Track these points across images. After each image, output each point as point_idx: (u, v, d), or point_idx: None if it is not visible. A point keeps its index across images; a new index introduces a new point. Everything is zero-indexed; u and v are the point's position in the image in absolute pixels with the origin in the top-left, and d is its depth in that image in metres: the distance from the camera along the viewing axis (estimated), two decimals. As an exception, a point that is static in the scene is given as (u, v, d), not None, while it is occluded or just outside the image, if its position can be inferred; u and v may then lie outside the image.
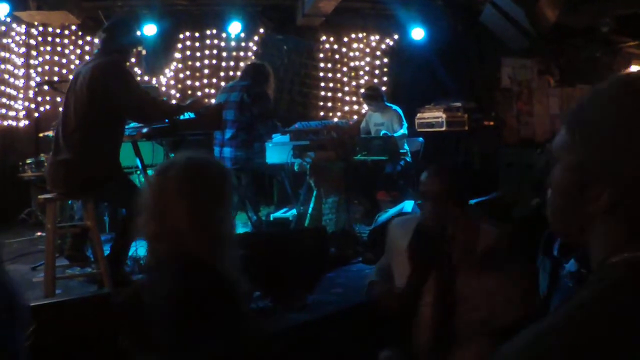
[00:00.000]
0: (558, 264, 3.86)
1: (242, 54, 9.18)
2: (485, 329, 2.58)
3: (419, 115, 9.36)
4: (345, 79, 9.92)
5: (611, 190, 0.97)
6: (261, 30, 9.26)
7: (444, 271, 2.66)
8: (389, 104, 7.80)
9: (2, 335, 1.56)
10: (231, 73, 9.02)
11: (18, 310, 1.64)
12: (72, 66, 8.22)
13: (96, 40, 4.77)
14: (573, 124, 1.04)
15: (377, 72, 10.07)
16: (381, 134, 7.48)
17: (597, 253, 1.02)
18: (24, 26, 8.11)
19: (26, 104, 8.08)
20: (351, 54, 9.95)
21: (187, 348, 1.77)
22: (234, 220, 2.17)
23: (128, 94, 4.39)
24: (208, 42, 9.05)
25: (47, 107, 8.16)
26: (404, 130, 7.59)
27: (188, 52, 8.95)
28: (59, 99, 7.99)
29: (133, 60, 8.54)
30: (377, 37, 10.04)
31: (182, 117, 4.86)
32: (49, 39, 8.27)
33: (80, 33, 8.38)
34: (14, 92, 8.01)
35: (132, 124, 5.10)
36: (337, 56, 9.86)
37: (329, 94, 9.80)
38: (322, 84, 9.76)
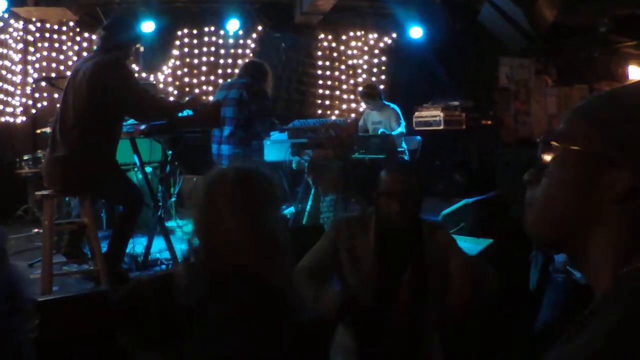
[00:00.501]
0: (550, 259, 3.88)
1: (240, 51, 9.18)
2: (441, 323, 2.60)
3: (416, 113, 9.38)
4: (343, 77, 9.92)
5: (629, 174, 0.92)
6: (259, 28, 9.25)
7: (418, 270, 2.64)
8: (386, 103, 7.79)
9: (3, 326, 1.56)
10: (229, 70, 9.02)
11: (20, 302, 1.63)
12: (70, 62, 8.21)
13: (94, 37, 4.76)
14: (587, 113, 1.00)
15: (375, 70, 10.07)
16: (379, 132, 7.48)
17: (600, 258, 0.96)
18: (21, 22, 8.10)
19: (23, 100, 8.07)
20: (349, 52, 9.95)
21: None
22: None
23: (128, 92, 4.39)
24: (206, 39, 9.04)
25: (45, 103, 8.15)
26: (401, 129, 7.58)
27: (186, 50, 8.94)
28: (56, 96, 7.99)
29: (131, 57, 8.53)
30: (376, 35, 10.04)
31: (180, 114, 4.85)
32: (47, 35, 8.26)
33: (78, 29, 8.37)
34: (11, 89, 7.99)
35: (130, 121, 5.10)
36: (335, 54, 9.86)
37: (327, 92, 9.80)
38: (320, 82, 9.76)
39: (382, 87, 9.13)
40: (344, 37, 9.87)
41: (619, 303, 0.87)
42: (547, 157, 1.02)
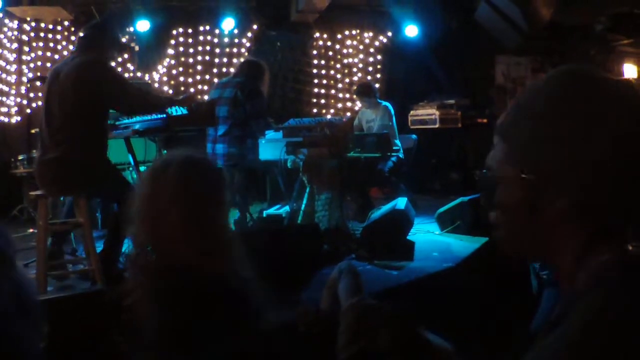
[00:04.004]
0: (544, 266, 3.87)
1: (235, 50, 9.16)
2: None
3: (412, 112, 9.38)
4: (338, 75, 9.91)
5: (568, 193, 0.95)
6: (255, 27, 9.23)
7: None
8: (380, 101, 7.80)
9: (16, 334, 1.55)
10: (224, 69, 9.00)
11: (32, 309, 1.62)
12: (65, 62, 8.18)
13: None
14: (517, 132, 1.02)
15: (370, 69, 10.07)
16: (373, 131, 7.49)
17: (563, 264, 1.00)
18: (16, 21, 8.07)
19: (18, 100, 8.05)
20: (345, 50, 9.94)
21: (192, 352, 1.74)
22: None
23: (113, 86, 4.37)
24: (201, 38, 9.02)
25: (40, 103, 8.10)
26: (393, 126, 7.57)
27: (181, 48, 8.92)
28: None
29: (126, 56, 8.51)
30: (371, 33, 10.03)
31: (174, 113, 4.84)
32: (42, 34, 8.23)
33: (72, 29, 8.33)
34: (6, 88, 7.97)
35: (125, 120, 5.08)
36: (330, 53, 9.85)
37: (322, 91, 9.80)
38: (316, 81, 9.76)
39: (377, 85, 9.12)
40: (339, 36, 9.86)
41: (589, 299, 0.90)
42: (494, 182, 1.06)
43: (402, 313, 1.66)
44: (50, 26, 8.26)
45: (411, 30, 9.51)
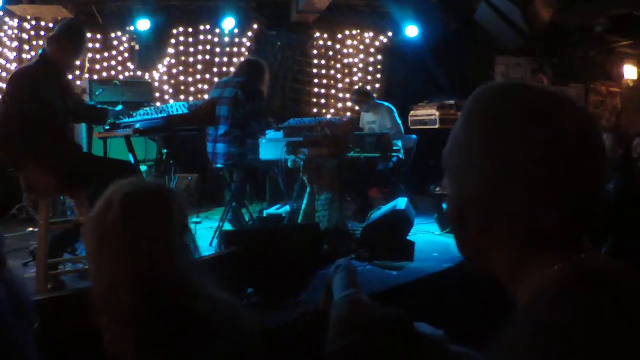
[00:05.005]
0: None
1: (235, 49, 9.17)
2: None
3: (412, 112, 9.38)
4: (338, 75, 9.92)
5: (475, 217, 1.01)
6: (255, 26, 9.24)
7: None
8: (379, 102, 7.80)
9: (11, 333, 1.55)
10: (224, 69, 9.01)
11: (24, 307, 1.62)
12: (65, 60, 8.19)
13: (89, 35, 4.74)
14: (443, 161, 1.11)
15: (370, 69, 10.07)
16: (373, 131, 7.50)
17: (502, 277, 1.04)
18: (16, 20, 8.07)
19: (18, 98, 8.02)
20: (345, 50, 9.95)
21: None
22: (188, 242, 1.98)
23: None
24: (201, 37, 9.03)
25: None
26: (398, 126, 7.60)
27: (181, 48, 8.93)
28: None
29: (126, 55, 8.51)
30: (371, 34, 10.04)
31: (175, 112, 4.83)
32: (42, 33, 8.23)
33: (73, 27, 8.32)
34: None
35: (124, 120, 5.08)
36: (330, 53, 9.86)
37: (322, 91, 9.80)
38: (316, 81, 9.76)
39: (377, 85, 9.16)
40: (339, 36, 9.87)
41: (526, 315, 0.94)
42: None
43: (394, 309, 1.65)
44: (51, 25, 8.25)
45: (411, 31, 9.52)
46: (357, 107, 8.49)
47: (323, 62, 9.81)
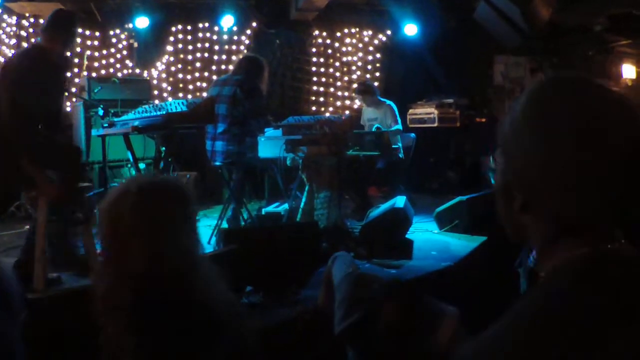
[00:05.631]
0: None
1: (234, 47, 9.16)
2: None
3: (411, 111, 9.38)
4: (337, 74, 9.92)
5: (522, 192, 1.08)
6: (254, 24, 9.23)
7: None
8: (382, 99, 7.79)
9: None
10: (223, 67, 9.01)
11: (9, 300, 1.61)
12: (63, 58, 8.18)
13: (87, 33, 4.72)
14: (499, 138, 1.16)
15: (369, 67, 10.08)
16: (373, 128, 7.49)
17: (536, 253, 1.14)
18: (15, 17, 8.05)
19: (16, 95, 8.01)
20: (344, 49, 9.95)
21: None
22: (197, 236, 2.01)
23: None
24: (200, 35, 9.02)
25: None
26: (398, 126, 7.60)
27: (180, 46, 8.91)
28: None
29: (125, 52, 8.50)
30: (370, 32, 10.04)
31: (174, 110, 4.83)
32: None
33: (71, 25, 8.31)
34: (4, 84, 7.94)
35: (123, 117, 5.07)
36: (329, 51, 9.86)
37: (321, 89, 9.80)
38: (315, 79, 9.76)
39: (376, 84, 9.12)
40: (338, 34, 9.87)
41: (539, 291, 1.04)
42: None
43: (400, 281, 1.66)
44: (49, 22, 8.23)
45: (410, 29, 9.52)
46: (359, 101, 8.48)
47: (322, 60, 9.81)
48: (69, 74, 8.08)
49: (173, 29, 8.85)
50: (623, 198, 1.03)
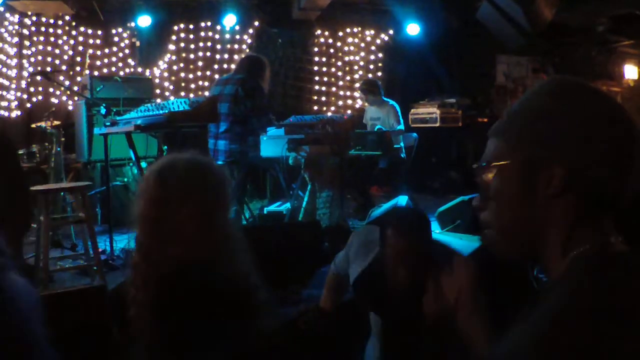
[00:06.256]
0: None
1: (236, 47, 9.15)
2: None
3: (412, 110, 9.38)
4: (339, 73, 9.91)
5: (565, 161, 1.03)
6: (256, 24, 9.23)
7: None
8: (386, 99, 7.79)
9: (32, 331, 1.54)
10: (225, 66, 9.00)
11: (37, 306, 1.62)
12: (65, 57, 8.19)
13: (90, 31, 4.68)
14: (513, 126, 1.11)
15: (371, 67, 10.07)
16: (376, 129, 7.48)
17: (553, 249, 1.06)
18: (17, 16, 8.05)
19: (18, 94, 8.02)
20: (346, 48, 9.94)
21: (196, 349, 1.73)
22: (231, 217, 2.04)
23: None
24: (202, 34, 9.01)
25: (40, 97, 8.11)
26: (401, 126, 7.60)
27: (182, 44, 8.91)
28: (51, 90, 7.97)
29: (127, 51, 8.50)
30: (373, 32, 10.04)
31: (176, 109, 4.83)
32: (42, 29, 8.21)
33: (74, 23, 8.31)
34: (6, 82, 7.95)
35: (125, 116, 5.07)
36: (332, 50, 9.85)
37: (323, 88, 9.79)
38: (317, 78, 9.75)
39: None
40: (341, 33, 9.86)
41: (565, 285, 0.99)
42: (487, 180, 1.16)
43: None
44: (52, 21, 8.24)
45: (412, 29, 9.51)
46: (359, 99, 8.48)
47: (324, 59, 9.80)
48: (71, 73, 8.12)
49: (175, 27, 8.85)
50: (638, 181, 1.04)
